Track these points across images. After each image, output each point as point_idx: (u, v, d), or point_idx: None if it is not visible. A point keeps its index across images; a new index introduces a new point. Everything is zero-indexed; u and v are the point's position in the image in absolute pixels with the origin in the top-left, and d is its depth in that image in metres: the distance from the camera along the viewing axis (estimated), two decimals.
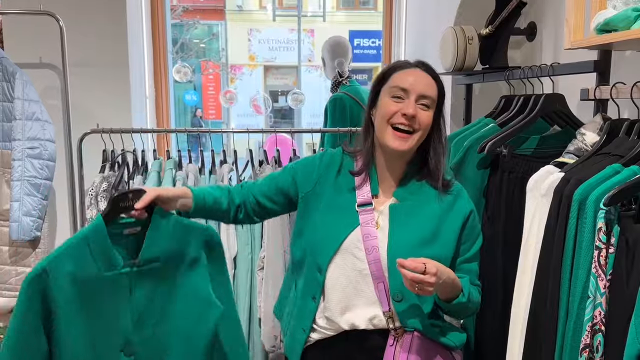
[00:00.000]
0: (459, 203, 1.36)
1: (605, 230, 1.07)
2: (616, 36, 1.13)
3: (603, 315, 1.07)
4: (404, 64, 1.35)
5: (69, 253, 1.20)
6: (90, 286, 1.21)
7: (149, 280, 1.26)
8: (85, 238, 1.21)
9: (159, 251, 1.27)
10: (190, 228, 1.31)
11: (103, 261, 1.22)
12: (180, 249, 1.29)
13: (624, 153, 1.20)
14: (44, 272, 1.17)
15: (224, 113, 10.89)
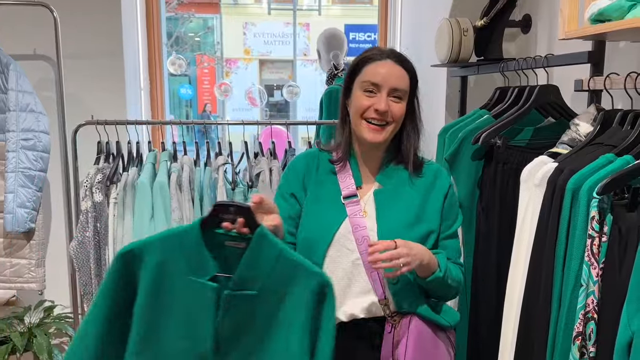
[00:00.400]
0: (439, 182, 1.39)
1: (598, 219, 1.08)
2: (610, 26, 1.13)
3: (596, 303, 1.08)
4: (376, 55, 1.34)
5: (160, 243, 1.14)
6: (174, 284, 1.13)
7: (240, 309, 1.13)
8: (179, 235, 1.15)
9: (257, 276, 1.13)
10: (300, 265, 1.14)
11: (194, 264, 1.13)
12: (282, 285, 1.13)
13: (617, 143, 1.21)
14: (131, 253, 1.13)
15: (219, 107, 10.86)
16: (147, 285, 1.13)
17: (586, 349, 1.10)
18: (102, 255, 2.06)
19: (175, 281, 1.14)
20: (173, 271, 1.14)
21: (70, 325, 2.47)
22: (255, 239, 1.13)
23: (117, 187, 2.06)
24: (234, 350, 1.14)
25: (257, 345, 1.15)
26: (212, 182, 2.11)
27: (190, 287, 1.13)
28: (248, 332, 1.15)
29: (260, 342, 1.15)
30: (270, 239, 1.14)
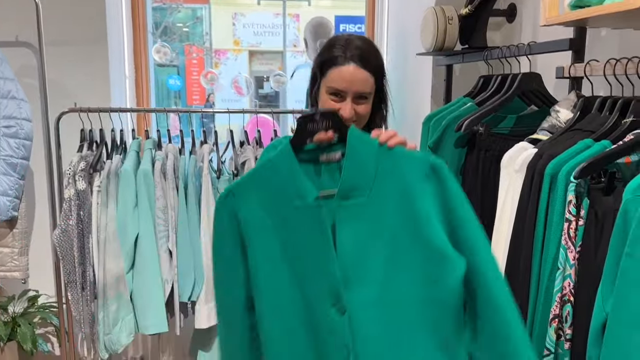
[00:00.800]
0: None
1: (575, 202, 1.09)
2: (589, 11, 1.14)
3: (572, 286, 1.10)
4: (339, 59, 1.27)
5: (254, 178, 1.06)
6: (281, 217, 1.03)
7: (358, 221, 1.01)
8: (271, 163, 1.05)
9: (362, 182, 1.01)
10: (403, 155, 1.02)
11: (293, 190, 1.03)
12: (394, 184, 1.01)
13: (596, 129, 1.22)
14: (230, 194, 1.06)
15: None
16: (256, 226, 1.04)
17: (563, 331, 1.12)
18: (85, 244, 2.05)
19: (281, 213, 1.03)
20: (276, 203, 1.04)
21: (54, 315, 2.46)
22: (350, 139, 1.02)
23: (101, 175, 2.04)
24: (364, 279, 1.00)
25: (391, 260, 1.00)
26: (196, 170, 2.10)
27: (298, 215, 1.02)
28: (372, 250, 1.00)
29: (391, 255, 1.00)
30: (365, 137, 1.04)
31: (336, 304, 1.00)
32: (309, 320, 1.02)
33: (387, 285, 0.99)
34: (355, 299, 1.00)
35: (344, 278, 1.00)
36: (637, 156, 1.11)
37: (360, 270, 1.00)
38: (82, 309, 2.07)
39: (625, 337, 0.92)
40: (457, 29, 1.99)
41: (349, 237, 1.01)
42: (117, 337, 2.06)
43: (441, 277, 0.98)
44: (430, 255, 0.98)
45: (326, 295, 1.00)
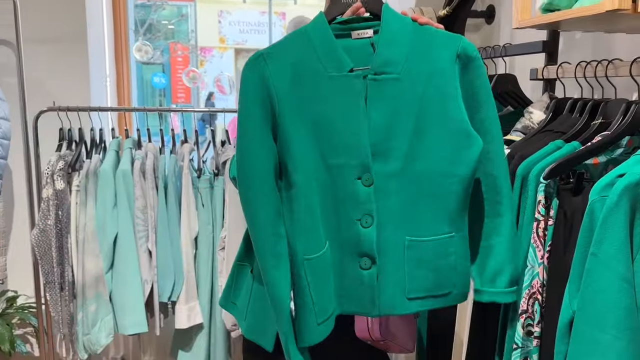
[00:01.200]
0: None
1: (545, 203, 1.11)
2: (559, 15, 1.16)
3: (540, 284, 1.12)
4: None
5: (287, 45, 1.05)
6: (315, 86, 1.03)
7: (388, 97, 1.03)
8: (305, 33, 1.05)
9: (396, 57, 1.03)
10: (435, 34, 1.05)
11: (328, 59, 1.03)
12: (426, 61, 1.04)
13: (567, 130, 1.24)
14: (261, 57, 1.04)
15: (194, 96, 10.74)
16: (287, 94, 1.03)
17: (532, 327, 1.14)
18: (64, 244, 2.04)
19: (314, 82, 1.04)
20: (309, 71, 1.03)
21: (33, 315, 2.44)
22: (384, 17, 1.04)
23: (80, 175, 2.03)
24: (390, 152, 1.05)
25: (418, 134, 1.05)
26: (177, 169, 2.10)
27: (331, 84, 1.03)
28: (399, 125, 1.05)
29: (419, 126, 1.05)
30: (398, 14, 1.06)
31: (363, 175, 1.04)
32: (334, 192, 1.05)
33: (411, 158, 1.05)
34: (381, 171, 1.05)
35: (373, 151, 1.04)
36: (605, 157, 1.14)
37: (388, 143, 1.04)
38: (60, 309, 2.06)
39: (590, 334, 0.94)
40: None
41: (380, 110, 1.03)
42: (96, 338, 2.05)
43: (462, 153, 1.05)
44: (454, 131, 1.05)
45: (354, 167, 1.04)
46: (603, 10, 1.02)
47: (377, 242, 1.05)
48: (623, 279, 0.91)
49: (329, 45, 1.04)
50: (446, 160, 1.06)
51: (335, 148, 1.04)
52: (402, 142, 1.05)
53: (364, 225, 1.05)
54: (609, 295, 0.91)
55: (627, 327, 0.90)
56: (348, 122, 1.03)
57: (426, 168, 1.06)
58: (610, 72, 1.21)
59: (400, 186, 1.06)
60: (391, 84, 1.03)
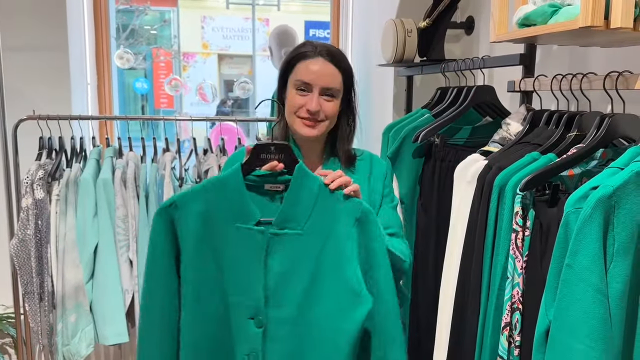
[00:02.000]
0: (375, 167, 1.44)
1: (522, 214, 1.13)
2: (535, 30, 1.19)
3: (520, 294, 1.14)
4: (308, 52, 1.32)
5: (201, 193, 1.15)
6: (221, 233, 1.14)
7: (289, 249, 1.14)
8: (220, 182, 1.16)
9: (301, 214, 1.14)
10: (339, 199, 1.16)
11: (237, 211, 1.14)
12: (326, 222, 1.15)
13: (543, 142, 1.27)
14: (173, 205, 1.14)
15: (177, 102, 10.67)
16: (193, 237, 1.13)
17: (513, 338, 1.16)
18: (43, 254, 2.01)
19: (220, 230, 1.14)
20: (218, 219, 1.14)
21: (12, 326, 2.40)
22: (296, 174, 1.15)
23: (60, 184, 2.01)
24: (289, 295, 1.15)
25: (313, 286, 1.15)
26: (158, 178, 2.09)
27: (237, 234, 1.14)
28: (301, 273, 1.15)
29: (314, 280, 1.15)
30: (310, 173, 1.16)
31: (255, 317, 1.16)
32: (228, 328, 1.17)
33: (303, 309, 1.16)
34: (273, 316, 1.16)
35: (267, 297, 1.16)
36: (580, 169, 1.17)
37: (283, 293, 1.16)
38: (40, 319, 2.03)
39: (565, 344, 0.96)
40: (416, 41, 2.04)
41: (279, 261, 1.15)
42: (76, 349, 2.02)
43: (351, 310, 1.15)
44: (346, 290, 1.15)
45: (247, 309, 1.16)
46: (577, 26, 1.04)
47: None
48: (597, 290, 0.93)
49: (240, 198, 1.15)
50: (336, 315, 1.16)
51: (234, 288, 1.16)
52: (297, 292, 1.16)
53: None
54: (583, 305, 0.93)
55: (600, 337, 0.92)
56: (248, 268, 1.15)
57: (317, 319, 1.17)
58: (585, 85, 1.25)
59: (290, 333, 1.17)
60: (293, 238, 1.15)
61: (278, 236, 1.14)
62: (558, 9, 1.15)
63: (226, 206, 1.14)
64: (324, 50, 1.32)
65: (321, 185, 1.16)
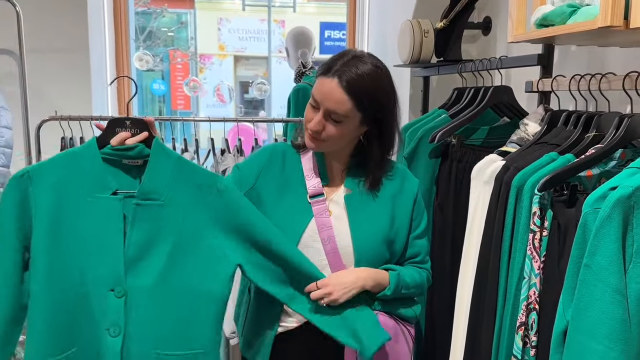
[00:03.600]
0: (406, 185, 1.39)
1: (540, 214, 1.13)
2: (554, 30, 1.19)
3: (537, 294, 1.14)
4: (326, 69, 1.26)
5: (54, 165, 1.14)
6: (76, 205, 1.13)
7: (150, 220, 1.16)
8: (74, 154, 1.16)
9: (161, 186, 1.16)
10: (197, 170, 1.21)
11: (93, 181, 1.14)
12: (187, 193, 1.18)
13: (561, 142, 1.26)
14: (26, 174, 1.12)
15: (193, 103, 10.76)
16: (47, 210, 1.12)
17: (529, 338, 1.16)
18: None
19: (75, 202, 1.13)
20: (72, 191, 1.13)
21: None
22: (154, 148, 1.17)
23: None
24: (146, 269, 1.16)
25: (175, 255, 1.17)
26: None
27: (93, 205, 1.14)
28: (162, 243, 1.16)
29: (176, 249, 1.17)
30: (167, 149, 1.19)
31: (115, 287, 1.15)
32: (88, 303, 1.14)
33: (165, 277, 1.16)
34: (133, 285, 1.15)
35: (127, 265, 1.15)
36: (598, 169, 1.16)
37: (143, 262, 1.16)
38: None
39: (583, 344, 0.96)
40: (433, 42, 2.04)
41: (140, 231, 1.16)
42: None
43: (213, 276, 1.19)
44: (206, 258, 1.18)
45: (106, 280, 1.14)
46: (596, 26, 1.04)
47: (122, 352, 1.15)
48: (615, 291, 0.92)
49: (95, 168, 1.15)
50: (198, 281, 1.18)
51: (92, 261, 1.14)
52: (158, 262, 1.16)
53: (112, 335, 1.15)
54: (601, 306, 0.93)
55: (619, 337, 0.92)
56: (105, 238, 1.14)
57: (178, 287, 1.17)
58: (603, 85, 1.24)
59: (152, 301, 1.16)
60: (154, 209, 1.16)
61: (140, 206, 1.15)
62: (577, 9, 1.14)
63: (81, 178, 1.14)
64: (344, 72, 1.23)
65: (180, 159, 1.19)
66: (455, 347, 1.43)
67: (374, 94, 1.26)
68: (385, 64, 1.31)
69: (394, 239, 1.35)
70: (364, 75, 1.24)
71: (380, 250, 1.34)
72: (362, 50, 1.32)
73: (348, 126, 1.27)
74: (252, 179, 1.36)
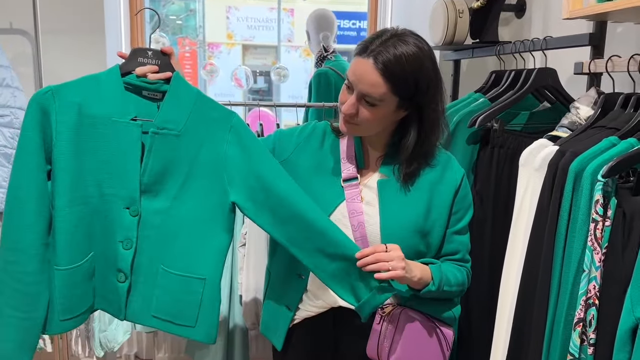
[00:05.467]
0: (448, 174, 1.29)
1: (602, 202, 1.05)
2: (619, 4, 1.10)
3: (597, 289, 1.06)
4: (363, 48, 1.17)
5: (78, 86, 1.17)
6: (97, 125, 1.17)
7: (166, 149, 1.20)
8: (97, 78, 1.19)
9: (178, 118, 1.20)
10: (214, 106, 1.24)
11: (114, 106, 1.18)
12: (203, 127, 1.22)
13: (620, 126, 1.18)
14: (49, 92, 1.15)
15: (203, 91, 10.72)
16: (68, 127, 1.15)
17: (586, 335, 1.08)
18: None
19: (96, 122, 1.17)
20: (93, 112, 1.17)
21: None
22: (173, 81, 1.20)
23: None
24: (159, 193, 1.21)
25: (186, 184, 1.22)
26: None
27: (113, 128, 1.18)
28: (172, 174, 1.21)
29: (186, 181, 1.22)
30: (187, 83, 1.21)
31: (131, 207, 1.21)
32: (104, 216, 1.21)
33: (177, 202, 1.23)
34: (148, 206, 1.22)
35: (142, 189, 1.20)
36: None
37: (159, 186, 1.21)
38: None
39: None
40: (468, 22, 1.95)
41: (156, 158, 1.20)
42: (114, 335, 2.00)
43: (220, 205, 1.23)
44: (216, 188, 1.23)
45: (123, 198, 1.20)
46: None
47: (133, 263, 1.23)
48: None
49: (116, 94, 1.19)
50: (207, 209, 1.24)
51: (110, 180, 1.20)
52: (172, 187, 1.22)
53: (125, 248, 1.22)
54: None
55: None
56: (123, 161, 1.19)
57: (190, 214, 1.23)
58: None
59: (163, 222, 1.23)
60: (170, 139, 1.20)
61: (157, 134, 1.18)
62: None
63: (103, 101, 1.17)
64: (380, 52, 1.14)
65: (199, 93, 1.21)
66: (497, 342, 1.36)
67: (413, 78, 1.16)
68: (429, 45, 1.22)
69: (429, 230, 1.26)
70: (402, 56, 1.14)
71: (412, 242, 1.25)
72: (404, 28, 1.21)
73: (383, 110, 1.19)
74: (288, 150, 1.32)
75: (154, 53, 1.21)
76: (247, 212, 1.24)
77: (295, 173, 1.28)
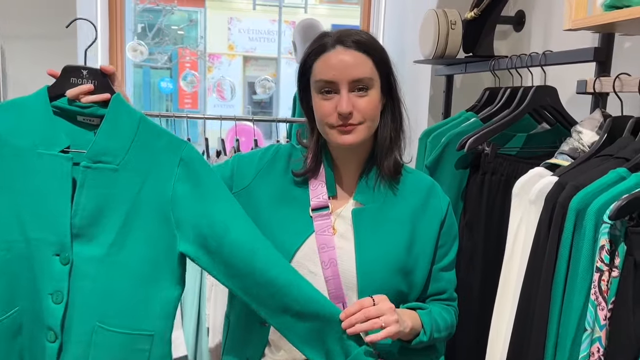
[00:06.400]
0: (432, 202, 1.14)
1: (609, 248, 0.88)
2: (630, 12, 0.93)
3: (602, 352, 0.88)
4: (322, 47, 1.08)
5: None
6: (21, 157, 1.02)
7: (101, 186, 1.03)
8: (21, 102, 1.04)
9: (116, 148, 1.03)
10: (161, 134, 1.06)
11: (40, 135, 1.02)
12: (146, 159, 1.05)
13: (630, 156, 1.01)
14: None
15: (200, 102, 10.64)
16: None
17: None
18: None
19: (20, 154, 1.02)
20: (16, 143, 1.02)
21: None
22: (112, 105, 1.03)
23: None
24: (94, 239, 1.05)
25: (124, 228, 1.05)
26: None
27: (39, 162, 1.02)
28: (109, 215, 1.05)
29: (126, 223, 1.05)
30: (128, 106, 1.06)
31: (61, 253, 1.03)
32: (30, 265, 1.04)
33: (116, 248, 1.05)
34: (82, 253, 1.04)
35: (74, 232, 1.03)
36: None
37: (93, 229, 1.04)
38: None
39: None
40: (460, 34, 1.78)
41: (90, 197, 1.03)
42: None
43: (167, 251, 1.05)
44: (162, 232, 1.05)
45: (52, 244, 1.03)
46: None
47: (64, 319, 1.05)
48: None
49: (43, 121, 1.03)
50: (152, 256, 1.06)
51: (36, 223, 1.03)
52: (109, 231, 1.05)
53: (55, 301, 1.04)
54: None
55: None
56: (51, 201, 1.03)
57: (130, 262, 1.06)
58: None
59: (99, 272, 1.06)
60: (107, 173, 1.04)
61: (90, 169, 1.02)
62: None
63: (27, 129, 1.02)
64: (342, 36, 1.07)
65: (143, 119, 1.05)
66: None
67: (382, 51, 1.11)
68: None
69: (412, 267, 1.10)
70: (363, 33, 1.11)
71: (392, 281, 1.08)
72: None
73: (375, 95, 1.09)
74: (248, 178, 1.16)
75: (89, 72, 1.05)
76: (199, 262, 1.06)
77: (257, 203, 1.13)
